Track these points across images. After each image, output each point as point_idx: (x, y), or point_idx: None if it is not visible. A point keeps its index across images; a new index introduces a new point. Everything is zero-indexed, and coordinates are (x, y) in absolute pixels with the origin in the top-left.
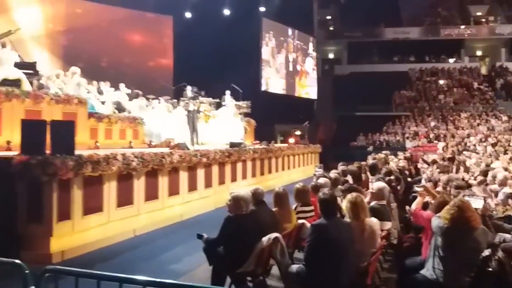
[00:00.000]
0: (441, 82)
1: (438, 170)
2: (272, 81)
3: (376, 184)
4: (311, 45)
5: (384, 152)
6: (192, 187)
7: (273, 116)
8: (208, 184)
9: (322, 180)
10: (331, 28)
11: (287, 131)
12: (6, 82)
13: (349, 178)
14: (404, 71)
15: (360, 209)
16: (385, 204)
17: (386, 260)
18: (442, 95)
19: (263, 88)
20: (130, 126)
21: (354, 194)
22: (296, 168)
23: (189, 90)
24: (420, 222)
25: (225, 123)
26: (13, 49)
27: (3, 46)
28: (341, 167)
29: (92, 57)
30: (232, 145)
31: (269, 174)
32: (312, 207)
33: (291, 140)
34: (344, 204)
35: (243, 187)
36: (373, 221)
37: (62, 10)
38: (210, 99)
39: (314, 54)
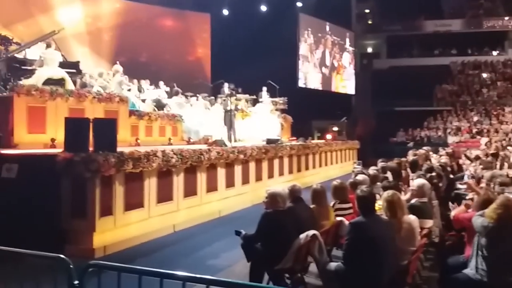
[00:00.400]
0: (484, 75)
1: (481, 166)
2: (309, 76)
3: (417, 181)
4: (348, 39)
5: (425, 148)
6: (230, 183)
7: (310, 112)
8: (245, 180)
9: (360, 177)
10: (369, 22)
11: (324, 127)
12: (50, 81)
13: (389, 175)
14: (446, 65)
15: (397, 207)
16: (426, 201)
17: (427, 259)
18: (485, 88)
19: (300, 84)
20: (170, 123)
21: (390, 192)
22: (334, 165)
23: (226, 87)
24: (461, 225)
25: (261, 120)
26: (57, 49)
27: (48, 46)
28: (380, 163)
29: (132, 54)
30: (269, 141)
31: (306, 170)
32: (350, 205)
33: (329, 136)
34: (380, 202)
35: (280, 184)
36: (411, 218)
37: (103, 8)
38: (247, 96)
39: (351, 49)
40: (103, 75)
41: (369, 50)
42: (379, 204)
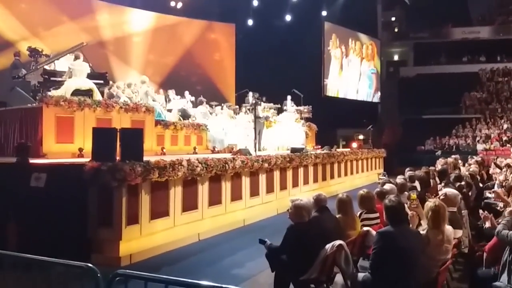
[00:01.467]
0: None
1: (511, 175)
2: (334, 85)
3: (445, 191)
4: (375, 48)
5: (453, 156)
6: (254, 192)
7: (335, 121)
8: (270, 189)
9: (388, 186)
10: (396, 30)
11: (349, 136)
12: (78, 92)
13: (417, 184)
14: (474, 72)
15: (441, 219)
16: (456, 211)
17: (456, 270)
18: None
19: (325, 92)
20: (195, 132)
21: (436, 201)
22: (360, 174)
23: (250, 96)
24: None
25: (286, 128)
26: (86, 60)
27: (76, 58)
28: (408, 172)
29: (160, 65)
30: (294, 150)
31: (332, 179)
32: (377, 214)
33: (354, 145)
34: (424, 211)
35: (305, 193)
36: (449, 229)
37: (132, 19)
38: (271, 105)
39: (378, 56)
40: (131, 86)
41: (396, 57)
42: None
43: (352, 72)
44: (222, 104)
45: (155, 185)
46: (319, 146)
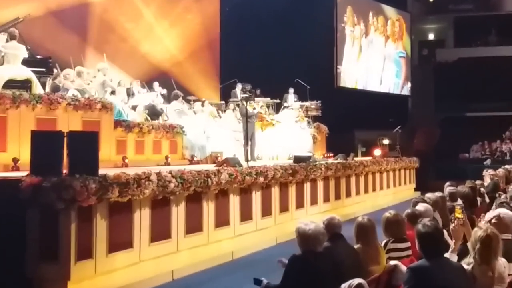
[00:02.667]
0: None
1: None
2: (350, 73)
3: (497, 212)
4: (403, 24)
5: (507, 166)
6: (246, 215)
7: (351, 120)
8: (266, 211)
9: (421, 207)
10: (431, 0)
11: (371, 140)
12: (12, 83)
13: (460, 203)
14: None
15: (493, 252)
16: (511, 238)
17: None
18: None
19: (339, 83)
20: (167, 136)
21: (487, 229)
22: (385, 190)
23: (239, 89)
24: None
25: (287, 131)
26: (23, 42)
27: (12, 37)
28: (448, 188)
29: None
30: (298, 159)
31: (348, 198)
32: (408, 244)
33: (377, 152)
34: (470, 241)
35: (313, 216)
36: (503, 264)
37: None
38: (268, 100)
39: (408, 35)
40: (82, 75)
41: (431, 37)
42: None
43: (374, 56)
44: (203, 100)
45: (115, 207)
46: (331, 154)
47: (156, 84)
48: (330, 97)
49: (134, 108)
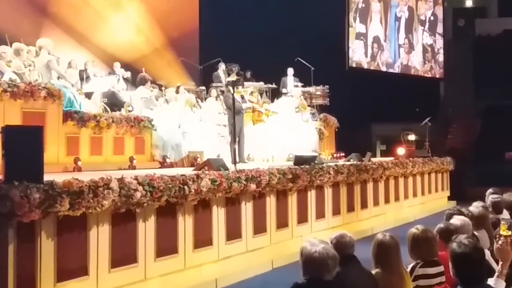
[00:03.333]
0: None
1: None
2: (366, 51)
3: None
4: None
5: None
6: (234, 233)
7: (368, 110)
8: (259, 228)
9: (457, 221)
10: None
11: (393, 136)
12: None
13: (505, 214)
14: None
15: None
16: None
17: None
18: None
19: (351, 63)
20: (132, 132)
21: None
22: (411, 199)
23: (221, 70)
24: None
25: (286, 124)
26: None
27: None
28: (491, 196)
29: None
30: (299, 160)
31: (363, 210)
32: (440, 268)
33: (401, 151)
34: None
35: (320, 233)
36: None
37: None
38: (261, 84)
39: (440, 2)
40: (21, 54)
41: (468, 3)
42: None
43: (396, 28)
44: (178, 85)
45: (65, 223)
46: (342, 154)
47: (117, 65)
48: (341, 81)
49: (89, 96)
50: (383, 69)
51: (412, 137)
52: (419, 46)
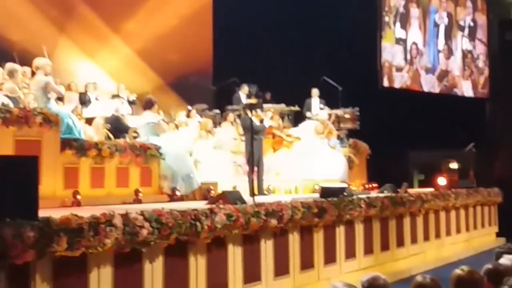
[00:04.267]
0: None
1: None
2: (405, 56)
3: None
4: None
5: None
6: (252, 275)
7: (404, 135)
8: (281, 269)
9: (508, 260)
10: None
11: (432, 164)
12: None
13: None
14: None
15: None
16: None
17: None
18: None
19: (384, 82)
20: (137, 162)
21: None
22: (454, 236)
23: (243, 92)
24: None
25: (311, 151)
26: None
27: None
28: None
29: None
30: (326, 192)
31: (399, 248)
32: None
33: (442, 181)
34: None
35: (350, 274)
36: None
37: None
38: (282, 107)
39: (481, 9)
40: (15, 75)
41: None
42: None
43: (435, 34)
44: (189, 108)
45: (62, 265)
46: (375, 185)
47: (122, 88)
48: (372, 102)
49: (89, 121)
50: (422, 88)
51: (454, 165)
52: (459, 52)
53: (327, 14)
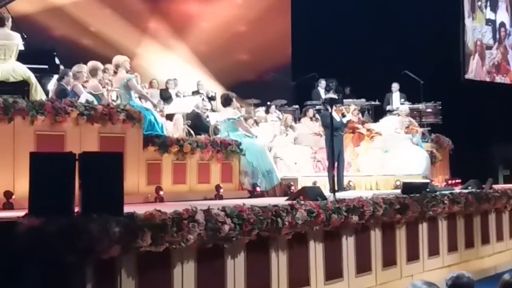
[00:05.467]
0: None
1: None
2: (494, 35)
3: None
4: None
5: None
6: (334, 272)
7: (488, 129)
8: (363, 266)
9: None
10: None
11: None
12: (3, 87)
13: None
14: None
15: None
16: None
17: None
18: None
19: (468, 75)
20: (218, 158)
21: None
22: None
23: (323, 87)
24: None
25: (392, 147)
26: (16, 29)
27: (1, 23)
28: None
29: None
30: (408, 188)
31: (485, 245)
32: None
33: None
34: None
35: (433, 272)
36: None
37: None
38: (362, 101)
39: None
40: (98, 74)
41: None
42: None
43: None
44: (269, 104)
45: (147, 260)
46: (458, 180)
47: (201, 83)
48: (455, 96)
49: (170, 117)
50: (510, 52)
51: None
52: None
53: (410, 8)
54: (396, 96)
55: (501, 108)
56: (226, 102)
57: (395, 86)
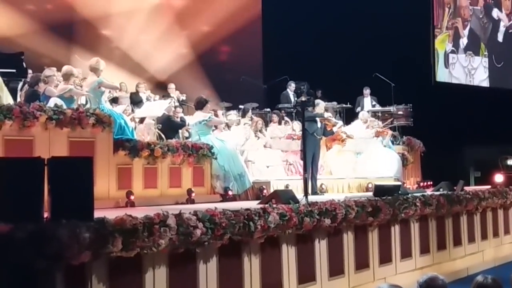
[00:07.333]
0: None
1: None
2: (458, 63)
3: None
4: None
5: None
6: (306, 275)
7: (459, 131)
8: (336, 269)
9: None
10: None
11: (489, 160)
12: None
13: None
14: None
15: None
16: None
17: None
18: None
19: (440, 77)
20: (189, 162)
21: None
22: None
23: (292, 89)
24: None
25: (364, 149)
26: None
27: None
28: None
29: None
30: (380, 191)
31: (457, 247)
32: None
33: (499, 178)
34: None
35: (406, 275)
36: None
37: None
38: (334, 104)
39: None
40: (70, 77)
41: None
42: None
43: (494, 37)
44: (240, 107)
45: (118, 266)
46: (430, 183)
47: (172, 87)
48: (426, 99)
49: (141, 121)
50: (482, 83)
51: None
52: None
53: (381, 11)
54: (367, 100)
55: (472, 110)
56: (199, 105)
57: (366, 90)
